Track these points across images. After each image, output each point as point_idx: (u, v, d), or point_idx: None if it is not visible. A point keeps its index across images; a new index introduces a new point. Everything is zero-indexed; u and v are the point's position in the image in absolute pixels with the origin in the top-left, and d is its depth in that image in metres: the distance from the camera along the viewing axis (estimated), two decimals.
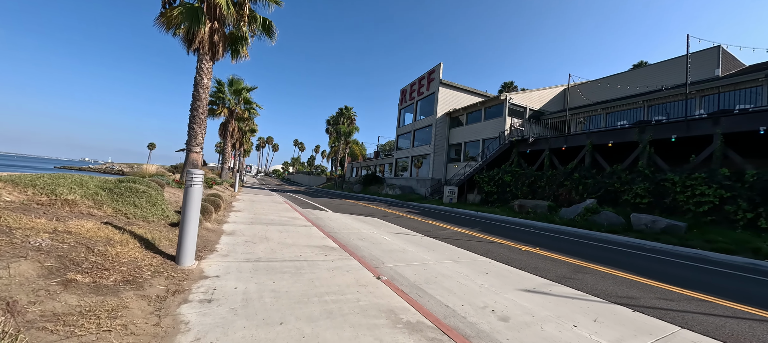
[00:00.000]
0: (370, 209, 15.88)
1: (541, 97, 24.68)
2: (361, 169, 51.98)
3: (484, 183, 20.72)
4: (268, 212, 10.08)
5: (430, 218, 13.24)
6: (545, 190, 16.88)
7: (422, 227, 10.56)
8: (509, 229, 11.55)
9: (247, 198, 14.47)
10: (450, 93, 29.32)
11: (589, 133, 15.54)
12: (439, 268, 5.06)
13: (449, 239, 8.24)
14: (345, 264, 4.58)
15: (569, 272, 5.54)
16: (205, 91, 10.99)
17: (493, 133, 23.50)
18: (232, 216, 8.53)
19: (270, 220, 8.51)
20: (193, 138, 10.74)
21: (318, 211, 13.01)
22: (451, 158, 28.81)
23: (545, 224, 13.41)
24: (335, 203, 17.78)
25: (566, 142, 16.57)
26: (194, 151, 10.76)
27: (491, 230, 10.67)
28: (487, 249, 7.31)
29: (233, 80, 25.65)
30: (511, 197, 18.55)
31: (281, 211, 10.86)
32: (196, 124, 10.74)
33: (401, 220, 12.12)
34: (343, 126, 48.97)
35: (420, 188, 29.18)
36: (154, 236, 4.40)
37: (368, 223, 10.47)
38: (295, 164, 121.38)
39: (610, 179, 13.93)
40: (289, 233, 6.85)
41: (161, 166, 26.19)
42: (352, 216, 12.16)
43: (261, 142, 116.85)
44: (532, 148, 18.53)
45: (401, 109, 36.85)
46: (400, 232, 8.98)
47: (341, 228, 8.82)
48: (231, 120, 26.26)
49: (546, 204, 15.61)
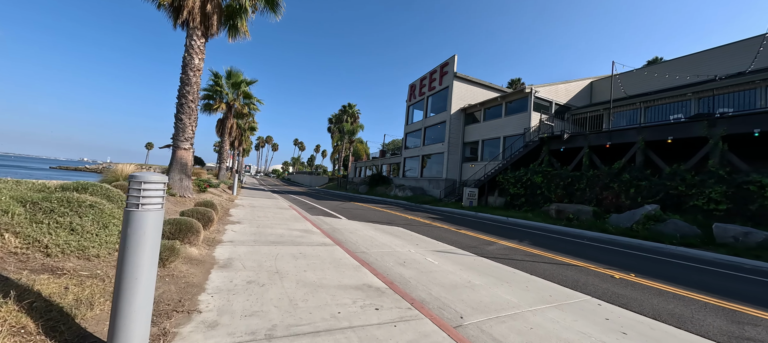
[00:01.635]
0: (386, 214, 13.90)
1: (568, 90, 22.68)
2: (365, 169, 49.97)
3: (508, 184, 18.73)
4: (273, 223, 8.06)
5: (461, 227, 11.27)
6: (585, 193, 14.88)
7: (462, 240, 8.63)
8: (563, 241, 9.57)
9: (247, 203, 12.46)
10: (465, 87, 27.31)
11: (641, 128, 13.54)
12: (548, 324, 3.17)
13: (510, 260, 6.40)
14: (412, 328, 2.63)
15: (732, 325, 3.62)
16: (196, 74, 8.95)
17: (516, 129, 21.50)
18: (228, 231, 6.51)
19: (278, 236, 6.50)
20: (181, 131, 8.71)
21: (331, 218, 11.04)
22: (466, 157, 26.80)
23: (597, 234, 11.42)
24: (346, 207, 15.79)
25: (610, 139, 14.57)
26: (182, 148, 8.72)
27: (545, 244, 8.75)
28: (575, 279, 5.40)
29: (231, 72, 23.62)
30: (543, 200, 16.56)
31: (289, 220, 8.85)
32: (184, 115, 8.70)
33: (430, 229, 10.16)
34: (347, 124, 46.93)
35: (432, 189, 27.18)
36: (80, 295, 2.40)
37: (395, 234, 8.52)
38: (296, 164, 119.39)
39: (672, 180, 11.94)
40: (308, 260, 4.84)
41: (148, 166, 24.01)
42: (372, 225, 10.19)
43: (260, 141, 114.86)
44: (567, 146, 16.53)
45: (410, 105, 34.82)
46: (441, 249, 7.07)
47: (369, 245, 6.87)
48: (229, 116, 24.22)
49: (590, 209, 13.61)
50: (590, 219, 13.19)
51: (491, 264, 5.91)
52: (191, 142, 8.95)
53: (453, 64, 26.91)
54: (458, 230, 10.64)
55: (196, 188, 10.23)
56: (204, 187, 10.69)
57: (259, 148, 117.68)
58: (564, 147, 16.63)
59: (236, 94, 24.32)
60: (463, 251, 7.00)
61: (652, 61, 47.34)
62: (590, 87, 23.98)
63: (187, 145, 8.76)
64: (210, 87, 23.51)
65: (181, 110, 8.68)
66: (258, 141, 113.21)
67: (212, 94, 23.50)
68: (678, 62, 18.59)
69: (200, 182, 10.78)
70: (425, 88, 31.24)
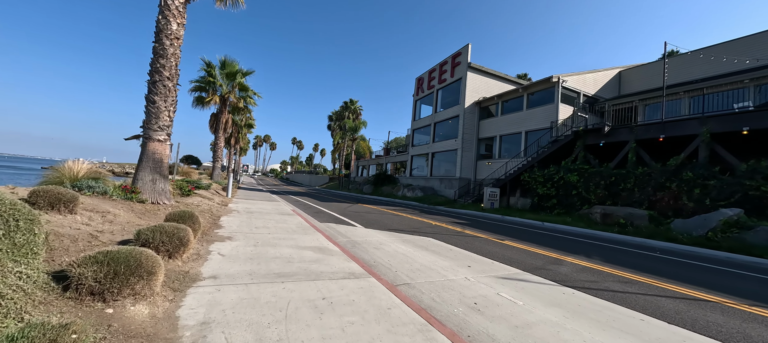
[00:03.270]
0: (404, 219, 11.90)
1: (596, 80, 20.72)
2: (368, 167, 47.89)
3: (536, 184, 16.76)
4: (276, 237, 6.02)
5: (500, 236, 9.31)
6: (633, 194, 12.93)
7: (517, 256, 6.79)
8: (639, 256, 7.64)
9: (243, 207, 10.42)
10: (479, 79, 25.30)
11: (704, 118, 11.58)
12: None
13: (614, 295, 4.84)
14: None
15: None
16: (174, 44, 6.88)
17: (540, 123, 19.52)
18: (213, 255, 4.48)
19: (285, 260, 4.47)
20: (154, 118, 6.64)
21: (344, 227, 9.02)
22: (480, 155, 24.81)
23: (665, 244, 9.47)
24: (356, 211, 13.77)
25: (664, 131, 12.60)
26: (155, 139, 6.65)
27: (623, 262, 6.98)
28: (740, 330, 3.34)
29: (226, 62, 21.50)
30: (580, 201, 14.59)
31: (296, 231, 6.83)
32: (158, 96, 6.64)
33: (468, 240, 8.20)
34: (349, 121, 44.82)
35: (444, 189, 25.18)
36: None
37: (433, 250, 6.59)
38: (294, 163, 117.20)
39: (751, 179, 10.00)
40: (340, 313, 2.88)
41: (113, 165, 21.38)
42: (397, 235, 8.21)
43: (258, 140, 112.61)
44: (608, 140, 14.55)
45: (417, 100, 32.77)
46: (505, 274, 5.28)
47: (410, 270, 4.98)
48: (224, 110, 22.10)
49: (645, 213, 11.65)
50: (647, 225, 11.23)
51: (600, 305, 4.04)
52: (168, 132, 6.89)
53: (466, 54, 24.88)
54: (501, 240, 8.68)
55: (177, 192, 8.18)
56: (188, 189, 8.59)
57: (257, 147, 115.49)
58: (604, 141, 14.66)
59: (231, 86, 22.18)
60: (537, 278, 5.10)
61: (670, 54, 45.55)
62: (618, 77, 22.03)
63: (161, 135, 6.69)
64: (202, 78, 21.39)
65: (154, 90, 6.61)
66: (256, 140, 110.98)
67: (204, 86, 21.37)
68: (726, 46, 16.63)
69: (183, 184, 8.69)
70: (435, 80, 29.20)
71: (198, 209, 7.72)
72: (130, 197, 6.00)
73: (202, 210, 8.04)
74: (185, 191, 8.37)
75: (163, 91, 6.66)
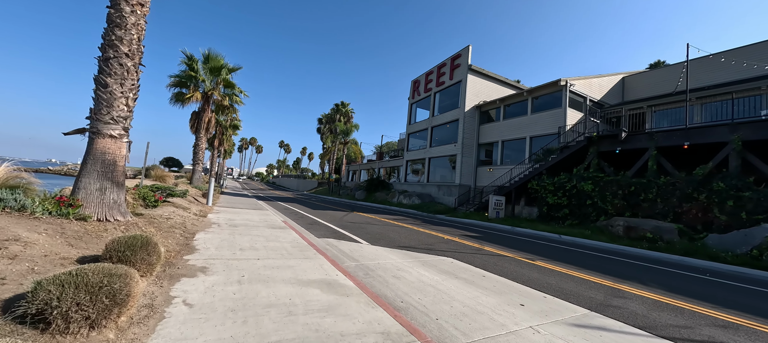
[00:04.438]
0: (411, 232, 10.49)
1: (601, 85, 20.08)
2: (359, 172, 46.31)
3: (545, 193, 15.73)
4: (268, 267, 4.46)
5: (525, 254, 8.05)
6: (656, 204, 12.01)
7: (564, 283, 5.65)
8: (692, 280, 6.55)
9: (226, 219, 8.75)
10: (479, 82, 24.37)
11: (734, 124, 10.79)
12: None
13: None
14: None
15: None
16: (137, 11, 5.29)
17: (547, 128, 18.63)
18: (175, 301, 2.88)
19: (285, 310, 2.86)
20: (105, 106, 5.01)
21: (348, 244, 7.54)
22: (480, 161, 23.79)
23: (705, 263, 8.46)
24: (355, 222, 12.27)
25: (688, 138, 11.77)
26: (106, 134, 5.01)
27: (684, 290, 5.83)
28: None
29: (210, 56, 19.69)
30: (596, 212, 13.60)
31: (291, 254, 5.30)
32: (112, 78, 5.03)
33: (494, 262, 6.89)
34: (340, 124, 43.22)
35: (442, 196, 23.98)
36: None
37: (468, 280, 5.20)
38: (281, 167, 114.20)
39: None
40: None
41: (70, 167, 18.74)
42: (412, 255, 6.83)
43: (244, 143, 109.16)
44: (625, 147, 13.67)
45: (413, 103, 31.63)
46: (576, 320, 3.89)
47: (455, 314, 3.48)
48: (206, 108, 20.21)
49: (673, 227, 10.69)
50: (677, 240, 10.25)
51: None
52: (126, 126, 5.27)
53: (467, 56, 23.94)
54: (531, 260, 7.43)
55: (140, 203, 6.50)
56: (154, 199, 6.84)
57: (243, 149, 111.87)
58: (620, 148, 13.77)
59: (215, 82, 20.34)
60: (616, 324, 3.98)
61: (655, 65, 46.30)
62: (622, 83, 21.52)
63: (115, 129, 5.06)
64: (183, 72, 19.49)
65: (107, 70, 5.00)
66: (241, 142, 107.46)
67: (185, 81, 19.45)
68: (742, 51, 16.16)
69: (148, 193, 6.92)
70: (432, 83, 28.15)
71: (166, 225, 6.09)
72: (65, 212, 4.35)
73: (173, 225, 6.41)
74: (151, 201, 6.65)
75: (119, 72, 5.06)
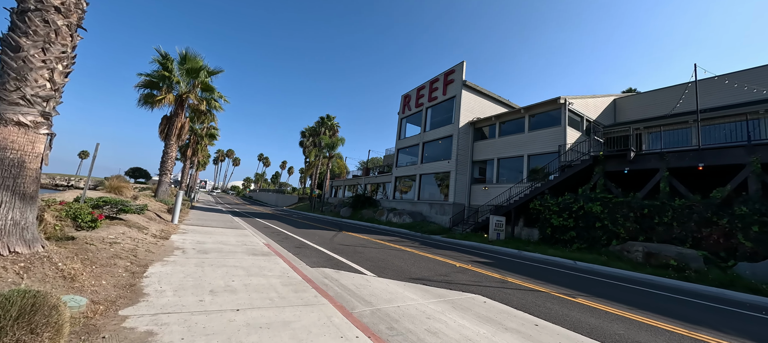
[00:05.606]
0: (415, 258, 8.95)
1: (595, 106, 20.00)
2: (343, 188, 44.47)
3: (550, 213, 14.84)
4: (253, 323, 2.83)
5: (555, 287, 6.77)
6: (672, 229, 11.31)
7: (630, 331, 4.12)
8: (754, 320, 5.45)
9: (194, 241, 6.93)
10: (473, 99, 23.87)
11: (751, 146, 10.39)
12: None
13: None
14: None
15: None
16: None
17: (545, 147, 18.07)
18: None
19: None
20: (11, 77, 3.32)
21: (349, 275, 5.93)
22: (474, 179, 22.93)
23: (749, 297, 7.57)
24: (347, 244, 10.62)
25: (702, 159, 11.30)
26: (12, 118, 3.30)
27: (756, 334, 4.57)
28: None
29: (187, 56, 17.84)
30: (606, 236, 12.76)
31: (284, 298, 3.62)
32: (27, 37, 3.42)
33: (532, 300, 5.50)
34: (325, 137, 41.61)
35: (435, 214, 22.75)
36: None
37: (519, 331, 3.71)
38: (259, 180, 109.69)
39: None
40: None
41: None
42: (434, 292, 5.33)
43: (220, 154, 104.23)
44: (634, 167, 13.10)
45: (403, 118, 30.76)
46: None
47: None
48: (180, 113, 18.12)
49: (698, 254, 9.91)
50: (705, 268, 9.45)
51: None
52: (46, 111, 3.60)
53: (461, 72, 23.47)
54: (570, 296, 6.18)
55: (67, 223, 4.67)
56: (89, 219, 4.91)
57: (219, 161, 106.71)
58: (629, 168, 13.19)
59: (192, 84, 18.41)
60: None
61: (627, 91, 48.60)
62: (613, 105, 21.66)
63: (28, 114, 3.39)
64: (155, 72, 17.48)
65: (22, 27, 3.39)
66: (217, 154, 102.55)
67: (157, 81, 17.42)
68: (742, 75, 16.44)
69: (80, 210, 4.96)
70: (424, 98, 27.46)
71: (105, 255, 4.33)
72: None
73: (117, 254, 4.63)
74: (85, 221, 4.79)
75: (41, 32, 3.46)
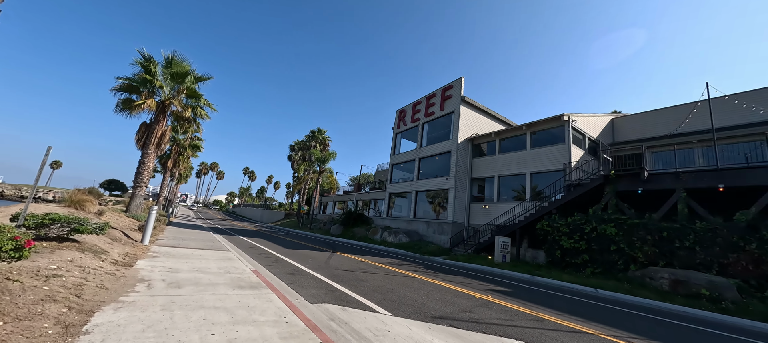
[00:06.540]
0: (426, 286, 7.69)
1: (596, 124, 19.80)
2: (333, 204, 42.86)
3: (559, 235, 14.01)
4: None
5: (603, 327, 5.68)
6: (695, 253, 10.61)
7: None
8: None
9: (164, 269, 5.55)
10: (471, 115, 23.40)
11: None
12: None
13: None
14: None
15: None
16: None
17: (549, 165, 17.49)
18: None
19: None
20: None
21: (361, 314, 4.66)
22: (473, 197, 22.10)
23: None
24: (346, 269, 9.29)
25: (723, 180, 10.79)
26: None
27: None
28: None
29: (174, 60, 16.55)
30: (623, 260, 11.97)
31: None
32: None
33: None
34: (316, 151, 40.31)
35: (432, 233, 21.62)
36: None
37: None
38: (244, 195, 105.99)
39: None
40: None
41: (4, 187, 13.91)
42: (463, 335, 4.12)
43: (203, 167, 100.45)
44: (648, 187, 12.52)
45: (398, 133, 30.00)
46: None
47: None
48: (161, 120, 16.62)
49: (730, 283, 9.16)
50: (740, 298, 8.67)
51: None
52: None
53: (459, 87, 23.07)
54: (626, 340, 5.12)
55: None
56: (13, 247, 3.51)
57: (202, 174, 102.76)
58: (642, 188, 12.60)
59: (177, 89, 17.05)
60: None
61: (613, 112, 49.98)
62: (611, 124, 21.60)
63: None
64: (137, 75, 16.06)
65: None
66: (201, 167, 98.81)
67: (137, 85, 15.98)
68: (749, 95, 16.43)
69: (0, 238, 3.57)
70: (420, 113, 26.87)
71: (30, 300, 3.02)
72: None
73: (49, 296, 3.30)
74: (7, 250, 3.40)
75: None
